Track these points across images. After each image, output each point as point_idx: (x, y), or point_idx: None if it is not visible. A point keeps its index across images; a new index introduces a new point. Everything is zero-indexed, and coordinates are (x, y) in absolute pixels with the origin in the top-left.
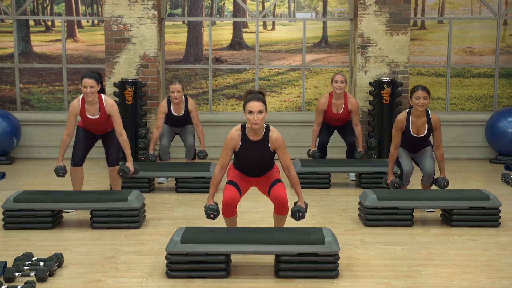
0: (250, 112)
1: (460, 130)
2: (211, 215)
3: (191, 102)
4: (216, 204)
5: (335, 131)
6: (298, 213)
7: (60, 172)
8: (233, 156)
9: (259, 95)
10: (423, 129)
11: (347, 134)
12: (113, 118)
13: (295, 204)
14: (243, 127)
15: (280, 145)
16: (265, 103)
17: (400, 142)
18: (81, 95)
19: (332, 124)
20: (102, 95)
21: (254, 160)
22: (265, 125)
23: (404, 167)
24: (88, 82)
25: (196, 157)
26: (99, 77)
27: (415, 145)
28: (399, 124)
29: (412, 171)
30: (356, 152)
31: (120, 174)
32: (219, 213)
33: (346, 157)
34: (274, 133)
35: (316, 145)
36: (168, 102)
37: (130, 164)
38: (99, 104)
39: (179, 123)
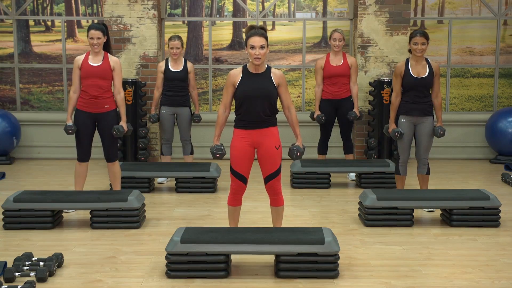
0: (252, 47)
1: (460, 130)
2: (217, 155)
3: (190, 64)
4: (222, 144)
5: (334, 132)
6: (296, 152)
7: (69, 129)
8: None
9: (261, 31)
10: (424, 71)
11: (345, 127)
12: (115, 72)
13: (293, 144)
14: (244, 65)
15: (284, 82)
16: (267, 39)
17: (403, 89)
18: (86, 52)
19: (332, 91)
20: (108, 54)
21: (256, 92)
22: (266, 64)
23: (401, 155)
24: (95, 33)
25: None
26: (105, 28)
27: (419, 92)
28: (398, 70)
29: (407, 159)
30: (350, 113)
31: (114, 132)
32: (225, 153)
33: (343, 152)
34: (276, 70)
35: (319, 108)
36: (166, 61)
37: (124, 124)
38: (103, 56)
39: (176, 86)
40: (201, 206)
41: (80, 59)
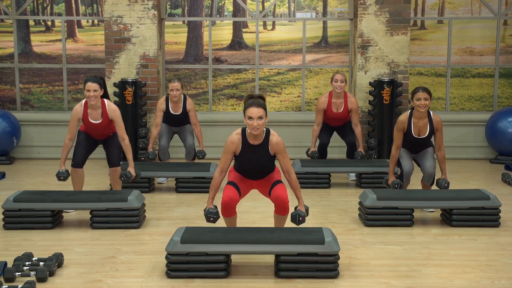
0: (250, 118)
1: (460, 130)
2: (211, 219)
3: (189, 102)
4: (216, 207)
5: (335, 132)
6: (298, 218)
7: (61, 176)
8: (233, 160)
9: (259, 100)
10: (424, 130)
11: (347, 134)
12: (115, 123)
13: (295, 208)
14: (243, 131)
15: (280, 149)
16: (265, 108)
17: (402, 143)
18: (84, 100)
19: (332, 124)
20: (105, 100)
21: (254, 164)
22: (265, 129)
23: (404, 167)
24: (92, 86)
25: (195, 156)
26: (102, 82)
27: (417, 146)
28: (401, 125)
29: (412, 171)
30: (356, 153)
31: (122, 179)
32: (219, 217)
33: (346, 157)
34: (274, 137)
35: (316, 145)
36: (167, 100)
37: (131, 169)
38: (101, 109)
39: (177, 122)
40: (201, 206)
41: (79, 112)
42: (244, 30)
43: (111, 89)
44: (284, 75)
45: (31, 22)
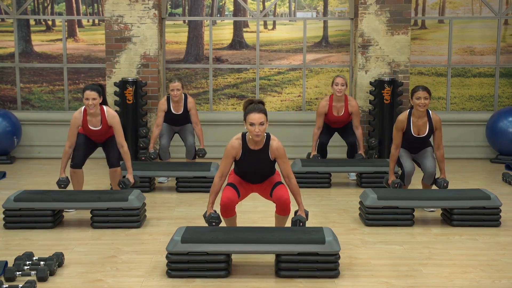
0: (252, 124)
1: (461, 130)
2: (213, 223)
3: (190, 101)
4: (216, 211)
5: (335, 132)
6: (299, 223)
7: (62, 184)
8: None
9: (260, 106)
10: (424, 130)
11: (348, 135)
12: (114, 129)
13: (295, 213)
14: (244, 136)
15: (281, 154)
16: (266, 114)
17: (401, 142)
18: (83, 107)
19: (333, 126)
20: (104, 107)
21: (254, 169)
22: (265, 134)
23: (405, 167)
24: (90, 94)
25: (196, 155)
26: (101, 89)
27: (416, 146)
28: (400, 124)
29: (413, 171)
30: (356, 155)
31: (121, 186)
32: (221, 221)
33: (346, 157)
34: (274, 142)
35: (316, 147)
36: (168, 100)
37: (130, 176)
38: (101, 116)
39: (178, 122)
40: (202, 206)
41: (79, 119)
42: (244, 29)
43: (111, 89)
44: (284, 75)
45: (32, 22)
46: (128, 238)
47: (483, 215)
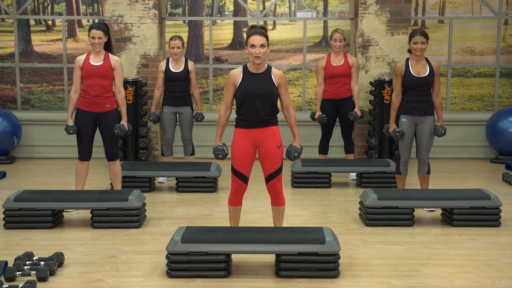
0: (252, 45)
1: (461, 130)
2: (220, 155)
3: (191, 63)
4: (224, 144)
5: (335, 131)
6: (294, 153)
7: (70, 129)
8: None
9: (262, 30)
10: (424, 70)
11: (346, 128)
12: (116, 72)
13: (290, 145)
14: (244, 65)
15: (284, 82)
16: (267, 38)
17: (403, 89)
18: (87, 51)
19: (333, 91)
20: (109, 53)
21: (257, 92)
22: (267, 64)
23: (402, 155)
24: (96, 33)
25: (194, 119)
26: (106, 28)
27: (419, 91)
28: (398, 69)
29: (408, 159)
30: (350, 113)
31: (116, 131)
32: (227, 153)
33: (344, 152)
34: (277, 70)
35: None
36: (167, 60)
37: (125, 123)
38: (104, 56)
39: (177, 86)
40: (202, 206)
41: (81, 59)
42: (244, 29)
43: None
44: (284, 75)
45: (32, 22)
46: (128, 238)
47: (483, 215)
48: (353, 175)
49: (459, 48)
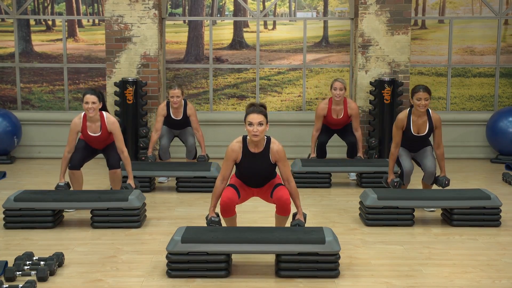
0: (250, 123)
1: (461, 130)
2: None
3: (190, 107)
4: (218, 215)
5: (335, 134)
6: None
7: (61, 189)
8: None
9: (260, 108)
10: (424, 128)
11: (347, 135)
12: (114, 135)
13: (293, 217)
14: (244, 139)
15: (281, 157)
16: (266, 116)
17: (401, 141)
18: (83, 113)
19: (332, 128)
20: (104, 113)
21: (255, 171)
22: (265, 136)
23: (404, 167)
24: (90, 98)
25: (197, 161)
26: (101, 95)
27: (416, 144)
28: (400, 123)
29: (412, 170)
30: (356, 158)
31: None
32: (221, 225)
33: (346, 156)
34: (275, 145)
35: (315, 149)
36: (167, 105)
37: (131, 181)
38: (100, 122)
39: (178, 126)
40: (202, 206)
41: (78, 124)
42: (244, 29)
43: (112, 89)
44: (284, 75)
45: (32, 22)
46: (128, 238)
47: (483, 215)
48: (353, 175)
49: (459, 48)
